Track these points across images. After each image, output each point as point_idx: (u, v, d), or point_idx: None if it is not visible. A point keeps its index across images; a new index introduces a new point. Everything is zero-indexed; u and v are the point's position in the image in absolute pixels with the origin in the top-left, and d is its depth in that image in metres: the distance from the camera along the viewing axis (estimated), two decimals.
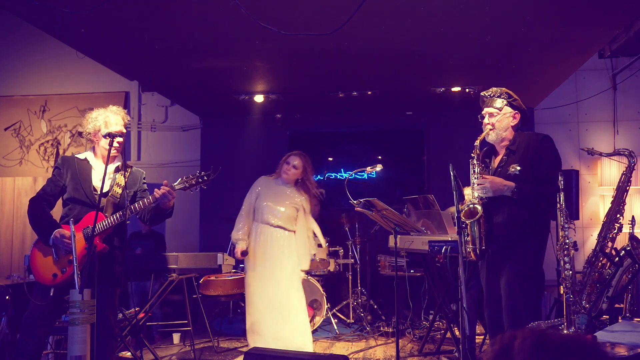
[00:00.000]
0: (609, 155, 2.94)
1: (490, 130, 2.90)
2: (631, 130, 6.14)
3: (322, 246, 5.11)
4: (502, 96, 2.90)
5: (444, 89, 5.44)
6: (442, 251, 3.41)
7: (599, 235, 2.77)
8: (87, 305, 2.24)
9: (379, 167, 4.22)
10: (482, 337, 4.43)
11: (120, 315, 3.90)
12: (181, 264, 4.06)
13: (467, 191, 3.37)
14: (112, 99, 6.37)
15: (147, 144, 6.94)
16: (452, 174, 2.68)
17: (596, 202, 6.13)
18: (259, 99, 5.74)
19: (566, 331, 2.41)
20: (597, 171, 6.11)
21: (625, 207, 2.77)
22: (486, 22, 3.81)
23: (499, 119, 2.89)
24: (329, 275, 5.39)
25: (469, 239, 2.81)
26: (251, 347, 3.47)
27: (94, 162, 2.90)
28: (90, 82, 6.84)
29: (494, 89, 2.95)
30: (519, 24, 3.86)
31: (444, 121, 6.44)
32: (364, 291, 5.59)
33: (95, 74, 6.59)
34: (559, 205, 2.52)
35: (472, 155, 2.87)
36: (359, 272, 5.49)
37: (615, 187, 2.81)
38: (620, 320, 2.67)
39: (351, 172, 5.95)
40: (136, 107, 6.92)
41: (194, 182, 2.80)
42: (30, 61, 6.95)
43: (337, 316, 5.41)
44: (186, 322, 4.29)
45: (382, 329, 5.03)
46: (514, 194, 2.74)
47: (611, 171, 5.95)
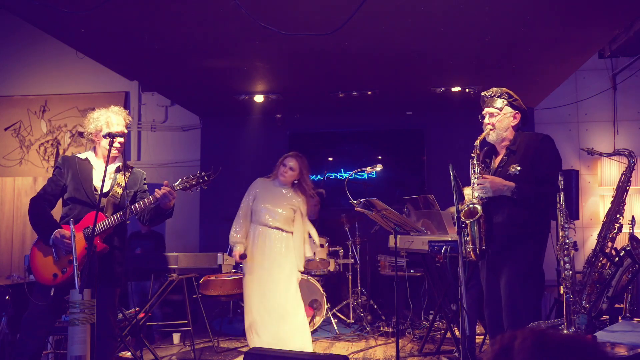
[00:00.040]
0: (608, 155, 2.94)
1: (490, 130, 2.90)
2: (631, 130, 6.14)
3: (323, 246, 5.12)
4: (503, 96, 2.91)
5: (444, 89, 5.44)
6: (442, 251, 3.41)
7: (599, 235, 2.77)
8: (87, 305, 2.24)
9: (379, 167, 4.22)
10: (482, 337, 4.43)
11: (120, 315, 3.90)
12: (181, 264, 4.06)
13: (467, 191, 3.37)
14: (112, 99, 6.38)
15: (147, 144, 6.94)
16: (452, 174, 2.68)
17: (596, 202, 6.13)
18: (259, 99, 5.74)
19: (566, 331, 2.41)
20: (597, 171, 6.11)
21: (625, 207, 2.77)
22: (486, 22, 3.81)
23: (500, 119, 2.90)
24: (329, 275, 5.39)
25: (468, 239, 2.81)
26: (251, 347, 3.47)
27: (95, 162, 2.91)
28: (90, 82, 6.83)
29: (495, 89, 2.95)
30: (519, 24, 3.86)
31: (444, 121, 6.44)
32: (364, 291, 5.59)
33: (95, 74, 6.58)
34: (559, 205, 2.52)
35: (472, 155, 2.88)
36: (359, 272, 5.48)
37: (615, 187, 2.81)
38: (620, 320, 2.67)
39: (351, 172, 5.95)
40: (136, 107, 6.92)
41: (195, 183, 2.81)
42: (30, 61, 6.95)
43: (337, 316, 5.40)
44: (186, 322, 4.29)
45: (382, 329, 5.03)
46: (514, 194, 2.74)
47: (611, 171, 5.95)
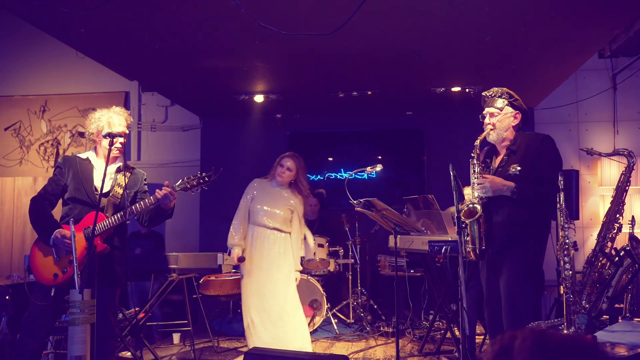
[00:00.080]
0: (608, 155, 2.94)
1: (491, 130, 2.91)
2: (631, 130, 6.14)
3: (323, 246, 5.12)
4: (503, 96, 2.91)
5: (444, 89, 5.44)
6: (442, 251, 3.41)
7: (599, 235, 2.77)
8: (87, 305, 2.24)
9: (379, 167, 4.22)
10: (482, 337, 4.43)
11: (120, 315, 3.90)
12: (181, 264, 4.06)
13: (467, 191, 3.37)
14: (112, 99, 6.39)
15: (147, 144, 6.93)
16: (452, 174, 2.69)
17: (596, 202, 6.13)
18: (259, 99, 5.74)
19: (566, 331, 2.41)
20: (597, 171, 6.12)
21: (624, 207, 2.77)
22: (486, 22, 3.80)
23: (500, 119, 2.90)
24: (329, 275, 5.39)
25: (468, 239, 2.81)
26: (251, 347, 3.47)
27: (96, 162, 2.91)
28: (90, 82, 6.83)
29: (495, 89, 2.95)
30: (519, 24, 3.86)
31: (444, 121, 6.43)
32: (364, 291, 5.59)
33: (95, 74, 6.58)
34: (559, 205, 2.52)
35: (472, 155, 2.88)
36: (359, 272, 5.48)
37: (615, 187, 2.81)
38: (620, 320, 2.67)
39: (351, 172, 5.95)
40: (136, 107, 6.92)
41: (195, 183, 2.80)
42: (30, 61, 6.95)
43: (337, 316, 5.41)
44: (186, 322, 4.29)
45: (382, 329, 5.03)
46: (514, 194, 2.74)
47: (611, 171, 5.95)
